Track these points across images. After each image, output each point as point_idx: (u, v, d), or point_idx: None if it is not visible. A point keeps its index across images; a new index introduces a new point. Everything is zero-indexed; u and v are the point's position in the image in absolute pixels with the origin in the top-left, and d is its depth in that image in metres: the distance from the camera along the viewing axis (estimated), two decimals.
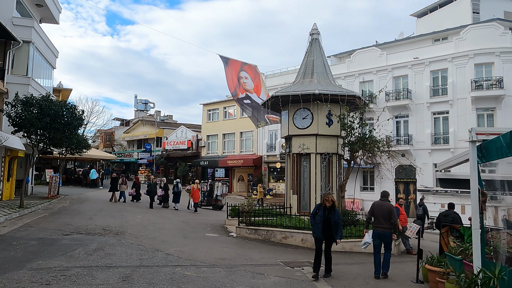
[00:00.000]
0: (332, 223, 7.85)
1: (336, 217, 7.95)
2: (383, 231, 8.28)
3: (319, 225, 7.93)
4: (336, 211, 8.02)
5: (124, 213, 16.74)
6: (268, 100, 14.22)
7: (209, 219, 17.24)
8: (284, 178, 37.68)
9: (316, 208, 8.24)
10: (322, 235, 7.93)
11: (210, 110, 44.50)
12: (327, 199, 8.00)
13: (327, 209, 7.96)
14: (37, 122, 15.10)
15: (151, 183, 21.70)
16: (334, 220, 7.88)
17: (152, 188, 21.13)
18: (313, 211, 8.36)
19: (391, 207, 8.59)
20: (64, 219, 13.81)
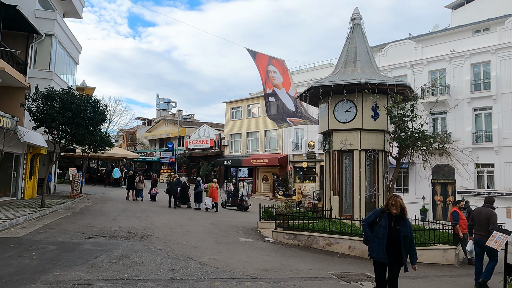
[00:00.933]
0: (401, 238, 5.49)
1: (408, 230, 5.58)
2: (481, 239, 7.32)
3: (382, 241, 5.51)
4: (407, 221, 5.64)
5: (149, 214, 15.76)
6: (306, 91, 12.93)
7: (238, 221, 16.07)
8: (311, 178, 36.45)
9: (374, 215, 5.82)
10: (386, 256, 5.51)
11: (234, 108, 43.46)
12: (393, 203, 5.57)
13: (394, 218, 5.59)
14: (58, 116, 14.27)
15: (171, 182, 20.76)
16: (405, 234, 5.52)
17: (172, 187, 20.21)
18: (368, 218, 5.92)
19: (490, 213, 7.42)
20: (86, 220, 12.90)
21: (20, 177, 17.84)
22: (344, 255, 9.95)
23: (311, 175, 34.87)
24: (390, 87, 11.67)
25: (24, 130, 15.61)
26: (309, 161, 34.56)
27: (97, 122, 15.20)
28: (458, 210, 10.76)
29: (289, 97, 24.04)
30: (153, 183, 22.64)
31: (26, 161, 18.27)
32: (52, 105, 14.53)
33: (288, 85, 25.15)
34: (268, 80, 24.57)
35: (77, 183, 21.63)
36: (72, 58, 22.29)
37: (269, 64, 25.03)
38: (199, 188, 20.30)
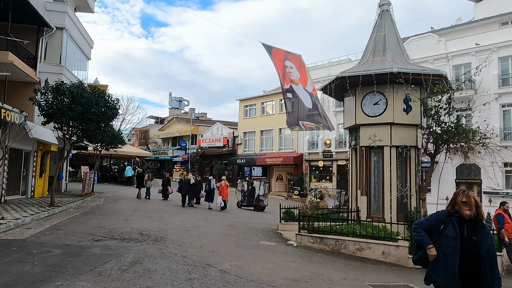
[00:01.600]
0: (482, 254, 3.65)
1: (490, 242, 3.76)
2: None
3: (453, 259, 3.67)
4: (486, 228, 3.83)
5: (162, 214, 15.00)
6: (332, 83, 11.97)
7: (257, 222, 15.19)
8: (327, 177, 35.37)
9: (435, 221, 3.96)
10: (458, 282, 3.63)
11: (247, 106, 42.60)
12: (465, 200, 3.78)
13: (467, 224, 3.79)
14: (68, 111, 13.58)
15: (182, 180, 19.99)
16: (487, 248, 3.69)
17: (184, 185, 19.46)
18: (425, 223, 4.02)
19: None
20: (96, 220, 12.17)
21: (30, 175, 17.27)
22: (378, 262, 8.98)
23: (328, 175, 33.82)
24: (425, 77, 10.65)
25: (33, 126, 15.00)
26: (325, 160, 33.52)
27: (108, 117, 14.48)
28: (503, 213, 9.69)
29: (306, 93, 23.00)
30: (167, 182, 21.87)
31: (36, 159, 17.70)
32: (62, 99, 13.86)
33: (305, 80, 24.10)
34: (285, 75, 23.60)
35: (89, 181, 21.04)
36: (83, 53, 21.70)
37: (286, 59, 24.04)
38: (211, 187, 19.57)
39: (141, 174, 21.38)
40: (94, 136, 15.30)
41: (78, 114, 13.80)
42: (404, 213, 11.07)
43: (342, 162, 32.23)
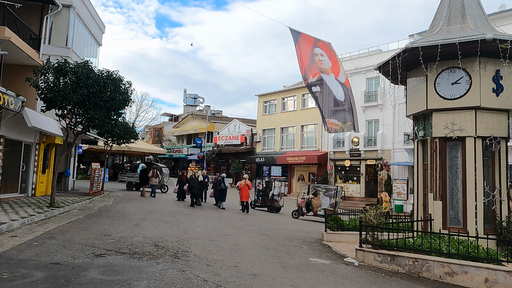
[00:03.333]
0: None
1: None
2: None
3: None
4: None
5: (180, 218, 12.76)
6: (395, 57, 9.49)
7: (292, 229, 12.82)
8: (354, 178, 32.78)
9: None
10: None
11: (267, 102, 40.24)
12: None
13: None
14: (71, 95, 11.44)
15: (193, 178, 18.03)
16: None
17: (194, 183, 17.58)
18: None
19: None
20: (102, 225, 9.97)
21: (31, 170, 15.23)
22: None
23: (355, 175, 31.22)
24: None
25: (33, 114, 12.92)
26: (352, 159, 30.94)
27: (118, 103, 12.28)
28: None
29: (338, 84, 20.41)
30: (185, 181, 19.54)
31: (38, 152, 15.66)
32: (65, 81, 11.73)
33: (337, 70, 21.51)
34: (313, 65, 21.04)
35: (98, 179, 18.97)
36: (93, 37, 19.65)
37: (315, 46, 21.52)
38: (222, 186, 17.62)
39: (144, 170, 19.92)
40: (102, 126, 13.12)
41: (83, 99, 11.64)
42: (492, 224, 8.57)
43: (372, 161, 29.64)
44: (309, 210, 16.59)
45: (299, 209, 17.08)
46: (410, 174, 27.58)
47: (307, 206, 16.58)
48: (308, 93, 35.99)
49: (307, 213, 16.77)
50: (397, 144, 28.21)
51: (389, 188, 28.01)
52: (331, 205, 16.36)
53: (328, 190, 17.68)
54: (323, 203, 16.41)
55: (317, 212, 16.33)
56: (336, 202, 16.53)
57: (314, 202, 16.32)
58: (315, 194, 16.63)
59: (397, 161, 28.04)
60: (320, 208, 16.23)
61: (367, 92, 30.67)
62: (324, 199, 16.65)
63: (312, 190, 17.09)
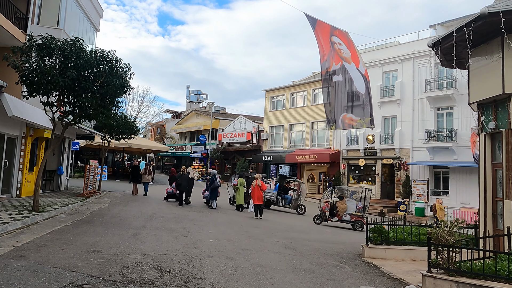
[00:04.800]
0: None
1: None
2: None
3: None
4: None
5: (186, 224, 10.84)
6: (466, 26, 7.49)
7: (319, 238, 10.88)
8: (369, 178, 30.82)
9: None
10: None
11: (274, 97, 38.27)
12: None
13: None
14: (57, 77, 9.51)
15: (181, 175, 16.44)
16: None
17: (183, 181, 16.09)
18: None
19: None
20: (91, 235, 8.06)
21: (16, 168, 13.33)
22: None
23: (370, 175, 29.26)
24: None
25: (15, 101, 11.00)
26: (367, 158, 28.97)
27: (115, 88, 10.32)
28: None
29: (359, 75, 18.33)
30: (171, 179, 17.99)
31: (24, 147, 13.76)
32: (50, 61, 9.80)
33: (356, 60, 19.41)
34: (334, 52, 18.95)
35: (94, 177, 17.07)
36: (90, 21, 17.72)
37: (332, 35, 19.52)
38: (215, 183, 16.01)
39: (136, 167, 18.59)
40: (96, 116, 11.17)
41: (71, 83, 9.71)
42: None
43: (389, 161, 27.65)
44: (333, 214, 14.71)
45: (322, 213, 15.18)
46: (431, 175, 25.62)
47: (331, 210, 14.69)
48: (319, 88, 34.01)
49: (331, 218, 14.89)
50: (417, 142, 26.23)
51: (408, 190, 26.04)
52: (358, 210, 14.48)
53: (354, 193, 15.76)
54: (348, 207, 14.52)
55: (342, 217, 14.46)
56: (364, 207, 14.62)
57: (339, 206, 14.42)
58: (341, 198, 14.72)
59: (416, 160, 26.05)
60: (345, 213, 14.35)
61: (383, 86, 28.67)
62: (350, 203, 14.75)
63: (337, 193, 15.17)
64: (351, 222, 14.77)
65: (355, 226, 14.65)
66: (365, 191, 15.13)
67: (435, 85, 25.47)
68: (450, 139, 24.23)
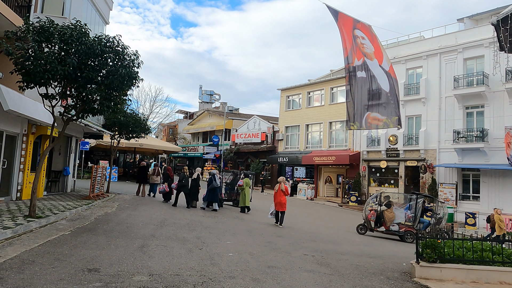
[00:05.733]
0: None
1: None
2: None
3: None
4: None
5: (200, 232, 9.58)
6: None
7: (354, 251, 9.49)
8: (392, 181, 29.19)
9: None
10: None
11: (290, 96, 36.92)
12: None
13: None
14: (56, 65, 8.35)
15: (185, 175, 15.41)
16: None
17: (186, 182, 15.20)
18: None
19: None
20: (91, 248, 6.85)
21: (16, 168, 12.26)
22: None
23: (392, 178, 27.68)
24: None
25: (12, 94, 9.91)
26: (389, 160, 27.42)
27: (121, 78, 9.12)
28: None
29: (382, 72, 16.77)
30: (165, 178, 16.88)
31: (26, 145, 12.70)
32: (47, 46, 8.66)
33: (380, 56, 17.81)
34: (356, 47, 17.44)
35: (101, 179, 15.97)
36: (98, 12, 16.66)
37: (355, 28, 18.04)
38: (213, 184, 14.87)
39: (143, 168, 17.72)
40: (101, 110, 9.99)
41: (72, 71, 8.54)
42: None
43: (413, 163, 26.06)
44: (380, 224, 13.35)
45: (366, 222, 13.76)
46: (459, 178, 23.95)
47: (378, 219, 13.32)
48: (338, 86, 32.55)
49: (377, 228, 13.51)
50: (444, 143, 24.59)
51: (434, 194, 24.35)
52: (407, 219, 13.04)
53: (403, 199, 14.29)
54: (397, 216, 13.11)
55: (389, 227, 13.10)
56: (415, 216, 13.13)
57: (386, 215, 13.03)
58: (388, 205, 13.29)
59: (443, 162, 24.41)
60: (393, 222, 12.98)
61: (407, 84, 27.12)
62: (398, 212, 13.34)
63: (385, 200, 13.71)
64: (400, 233, 13.29)
65: (405, 238, 13.15)
66: (416, 197, 13.62)
67: (464, 82, 23.83)
68: (481, 139, 22.55)
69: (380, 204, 13.56)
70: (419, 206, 13.17)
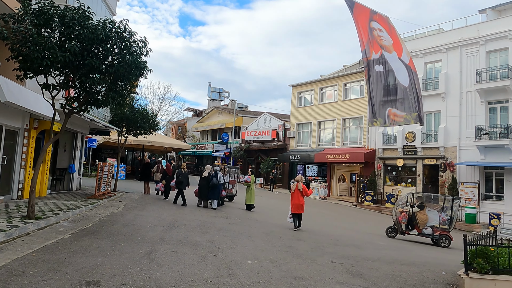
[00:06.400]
0: None
1: None
2: None
3: None
4: None
5: (214, 235, 8.73)
6: None
7: (384, 257, 8.54)
8: (409, 180, 28.03)
9: None
10: None
11: (302, 93, 35.92)
12: None
13: None
14: (55, 50, 7.55)
15: (182, 172, 14.72)
16: None
17: (183, 178, 14.51)
18: None
19: None
20: (92, 255, 6.04)
21: (17, 165, 11.53)
22: None
23: (409, 177, 26.56)
24: None
25: (11, 85, 9.15)
26: (406, 158, 26.30)
27: (127, 66, 8.31)
28: None
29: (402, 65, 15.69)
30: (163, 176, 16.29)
31: (28, 141, 11.97)
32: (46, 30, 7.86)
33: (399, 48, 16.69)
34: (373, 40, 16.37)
35: (108, 177, 15.23)
36: (104, 2, 15.89)
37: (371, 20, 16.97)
38: (213, 181, 14.09)
39: (147, 165, 17.11)
40: (106, 103, 9.17)
41: (73, 58, 7.74)
42: None
43: (431, 161, 24.91)
44: (412, 227, 12.39)
45: (397, 225, 12.78)
46: (482, 176, 22.77)
47: (410, 221, 12.35)
48: (351, 82, 31.50)
49: (408, 231, 12.54)
50: (465, 140, 23.41)
51: (455, 193, 23.19)
52: (442, 222, 12.05)
53: (434, 200, 13.27)
54: (430, 219, 12.13)
55: (422, 230, 12.13)
56: (451, 218, 12.13)
57: (419, 217, 12.05)
58: (421, 207, 12.31)
59: (464, 160, 23.26)
60: (426, 225, 12.02)
61: (425, 79, 25.94)
62: (431, 213, 12.34)
63: (417, 201, 12.71)
64: (434, 237, 12.26)
65: (440, 242, 12.13)
66: (452, 198, 12.58)
67: (487, 76, 22.64)
68: (505, 136, 21.37)
69: (412, 205, 12.57)
70: (456, 208, 12.18)
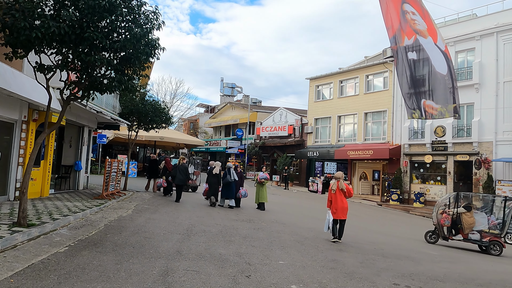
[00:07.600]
0: None
1: None
2: None
3: None
4: None
5: (239, 244, 7.23)
6: None
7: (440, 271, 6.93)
8: (438, 178, 26.11)
9: None
10: None
11: (320, 86, 34.21)
12: None
13: None
14: (47, 20, 6.11)
15: (178, 164, 13.99)
16: None
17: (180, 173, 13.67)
18: None
19: None
20: (90, 279, 4.58)
21: (13, 162, 10.19)
22: None
23: (438, 174, 24.71)
24: None
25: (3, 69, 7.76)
26: (435, 154, 24.46)
27: (135, 41, 6.83)
28: None
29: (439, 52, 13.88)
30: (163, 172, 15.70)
31: (26, 135, 10.62)
32: None
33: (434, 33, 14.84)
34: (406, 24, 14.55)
35: (117, 175, 13.84)
36: None
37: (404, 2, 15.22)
38: (226, 178, 13.01)
39: (154, 161, 16.25)
40: (111, 87, 7.70)
41: (70, 30, 6.28)
42: None
43: (464, 157, 23.03)
44: (456, 231, 10.76)
45: (438, 229, 11.14)
46: None
47: (454, 225, 10.72)
48: (374, 73, 29.67)
49: (452, 236, 10.90)
50: (502, 134, 21.52)
51: (491, 192, 21.29)
52: (492, 226, 10.42)
53: (484, 201, 11.61)
54: (477, 222, 10.49)
55: (468, 235, 10.50)
56: (504, 222, 10.48)
57: (465, 220, 10.43)
58: (468, 208, 10.67)
59: (502, 156, 21.36)
60: (473, 229, 10.38)
61: (456, 68, 23.95)
62: (479, 216, 10.69)
63: (463, 201, 11.07)
64: (483, 243, 10.63)
65: (490, 249, 10.52)
66: (504, 199, 10.90)
67: None
68: None
69: (456, 206, 10.91)
70: (509, 211, 10.49)
